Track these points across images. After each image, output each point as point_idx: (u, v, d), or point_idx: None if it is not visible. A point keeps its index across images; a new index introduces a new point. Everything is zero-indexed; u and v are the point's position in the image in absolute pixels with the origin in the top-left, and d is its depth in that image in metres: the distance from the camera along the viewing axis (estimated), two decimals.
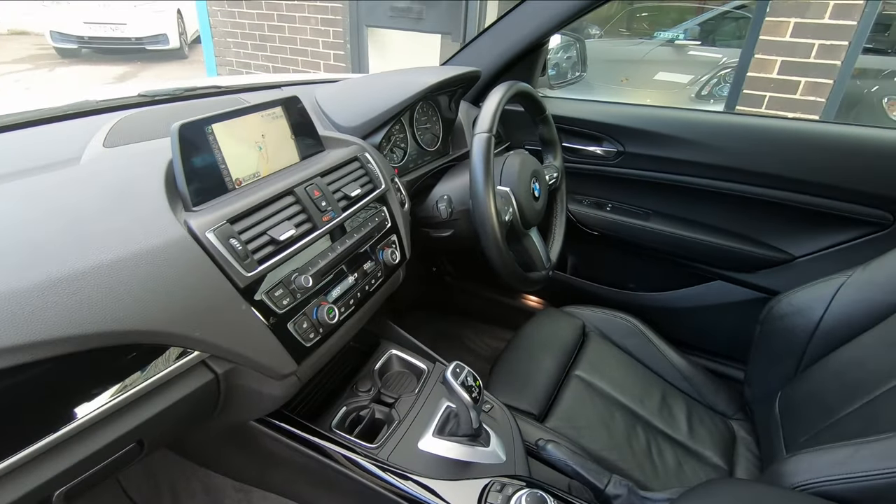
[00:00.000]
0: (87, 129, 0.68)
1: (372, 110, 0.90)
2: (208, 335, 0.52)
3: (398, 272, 0.87)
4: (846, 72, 2.34)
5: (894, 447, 0.57)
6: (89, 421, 0.46)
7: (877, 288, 0.85)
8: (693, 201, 1.21)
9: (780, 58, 2.40)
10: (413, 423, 0.77)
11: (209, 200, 0.60)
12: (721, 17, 4.58)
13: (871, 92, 3.61)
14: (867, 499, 0.58)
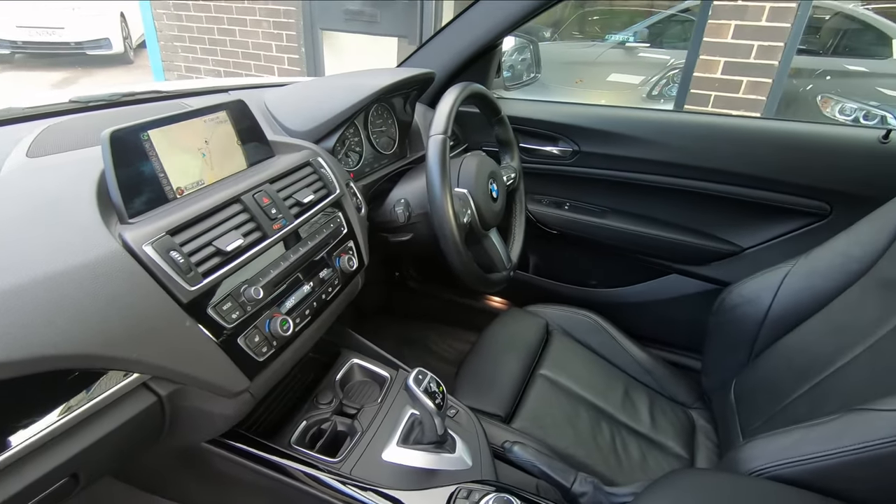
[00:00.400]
0: (9, 139, 0.63)
1: (324, 114, 0.87)
2: (148, 356, 0.49)
3: (356, 279, 0.85)
4: (783, 71, 2.47)
5: (838, 429, 0.60)
6: (14, 455, 0.42)
7: (818, 276, 0.90)
8: (647, 198, 1.24)
9: (723, 58, 2.51)
10: (377, 433, 0.75)
11: (147, 212, 0.56)
12: (668, 20, 4.75)
13: (806, 90, 3.83)
14: (817, 479, 0.60)
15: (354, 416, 0.79)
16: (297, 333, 0.67)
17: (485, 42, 1.15)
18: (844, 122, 3.39)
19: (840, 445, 0.59)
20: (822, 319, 0.88)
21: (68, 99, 0.79)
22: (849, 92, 3.63)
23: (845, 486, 0.60)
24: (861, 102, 3.49)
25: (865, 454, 0.57)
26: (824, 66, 4.02)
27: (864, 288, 0.83)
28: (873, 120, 3.33)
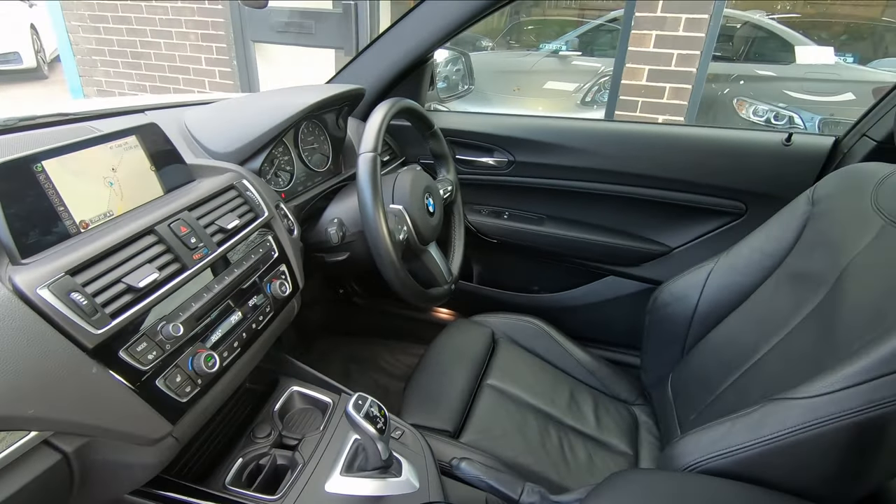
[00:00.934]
0: None
1: (248, 134, 0.84)
2: (48, 411, 0.44)
3: (291, 304, 0.82)
4: (701, 77, 2.64)
5: (758, 419, 0.63)
6: None
7: (737, 272, 0.95)
8: (581, 204, 1.28)
9: (647, 66, 2.65)
10: (319, 463, 0.72)
11: (45, 250, 0.52)
12: (597, 30, 4.97)
13: (723, 94, 4.12)
14: (745, 469, 0.64)
15: (295, 447, 0.75)
16: (225, 368, 0.64)
17: (416, 55, 1.15)
18: (758, 123, 3.67)
19: (761, 435, 0.62)
20: (743, 313, 0.93)
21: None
22: (760, 95, 3.93)
23: (769, 473, 0.63)
24: (771, 104, 3.79)
25: (783, 441, 0.61)
26: (738, 72, 4.33)
27: (778, 281, 0.89)
28: (782, 120, 3.62)
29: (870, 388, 0.56)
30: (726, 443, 0.66)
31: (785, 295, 0.86)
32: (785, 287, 0.87)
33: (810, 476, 0.62)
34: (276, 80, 3.73)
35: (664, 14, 2.52)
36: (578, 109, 4.17)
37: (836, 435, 0.58)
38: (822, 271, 0.79)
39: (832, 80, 4.04)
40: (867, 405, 0.56)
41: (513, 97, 4.52)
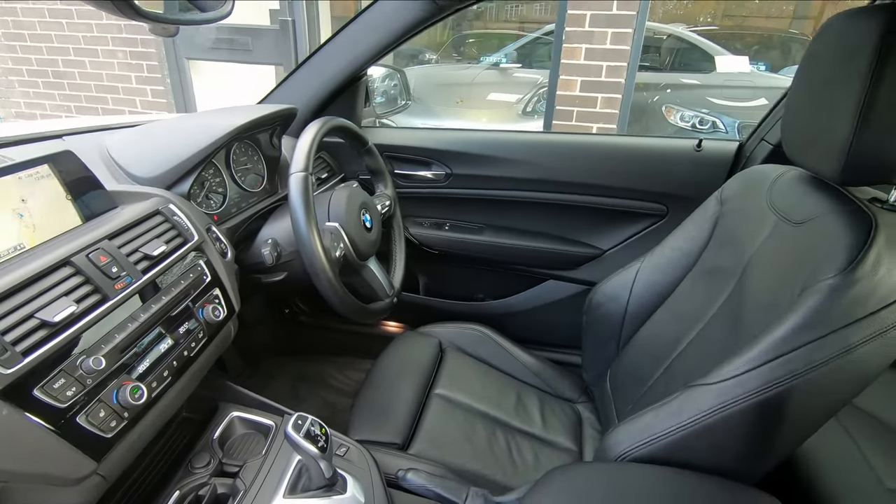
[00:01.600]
0: None
1: (174, 158, 0.82)
2: None
3: (227, 328, 0.80)
4: (630, 87, 2.80)
5: (678, 406, 0.68)
6: None
7: (660, 270, 1.02)
8: (518, 212, 1.33)
9: (579, 78, 2.78)
10: (261, 488, 0.71)
11: None
12: (534, 43, 5.16)
13: (653, 102, 4.37)
14: (668, 454, 0.68)
15: (236, 474, 0.74)
16: (155, 398, 0.62)
17: (349, 73, 1.17)
18: (685, 128, 3.92)
19: (680, 420, 0.67)
20: (667, 308, 1.00)
21: None
22: (686, 102, 4.20)
23: (690, 455, 0.68)
24: (696, 110, 4.05)
25: (700, 424, 0.66)
26: (666, 81, 4.62)
27: (694, 277, 0.96)
28: (706, 125, 3.89)
29: (767, 369, 0.62)
30: (652, 430, 0.70)
31: (701, 290, 0.92)
32: (701, 282, 0.94)
33: (726, 455, 0.68)
34: (213, 97, 3.63)
35: (592, 29, 2.66)
36: (520, 119, 4.30)
37: (742, 415, 0.63)
38: (729, 266, 0.86)
39: (748, 86, 4.37)
40: (766, 385, 0.62)
41: (457, 109, 4.61)
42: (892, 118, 0.59)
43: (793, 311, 0.62)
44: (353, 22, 1.12)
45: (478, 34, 6.94)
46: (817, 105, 0.68)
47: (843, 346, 0.59)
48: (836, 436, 1.00)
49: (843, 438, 0.99)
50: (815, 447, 0.96)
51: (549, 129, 2.95)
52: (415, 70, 5.57)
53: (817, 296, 0.61)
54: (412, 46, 7.08)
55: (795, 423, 0.64)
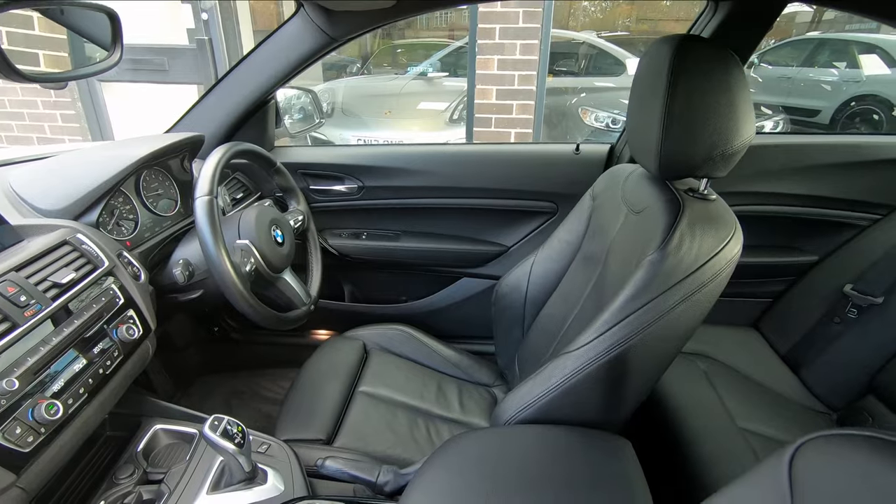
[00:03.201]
0: None
1: (79, 189, 0.87)
2: None
3: (144, 346, 0.85)
4: (541, 93, 3.00)
5: (548, 372, 0.81)
6: None
7: (551, 260, 1.16)
8: (428, 218, 1.44)
9: (494, 87, 2.96)
10: (186, 489, 0.77)
11: None
12: (458, 52, 5.34)
13: (571, 105, 4.66)
14: (543, 414, 0.81)
15: (161, 480, 0.79)
16: (72, 415, 0.67)
17: (254, 99, 1.24)
18: (599, 128, 4.21)
19: (549, 385, 0.80)
20: (558, 293, 1.14)
21: None
22: (601, 103, 4.50)
23: (560, 413, 0.81)
24: (609, 111, 4.36)
25: (564, 386, 0.79)
26: (582, 85, 4.93)
27: (577, 264, 1.11)
28: (618, 124, 4.19)
29: (610, 334, 0.76)
30: (529, 396, 0.83)
31: (580, 274, 1.07)
32: (580, 267, 1.09)
33: (588, 409, 0.81)
34: (130, 119, 3.52)
35: (502, 41, 2.85)
36: (448, 127, 4.46)
37: (596, 373, 0.77)
38: (598, 253, 1.00)
39: None
40: (610, 347, 0.76)
41: (385, 120, 4.70)
42: (683, 128, 0.75)
43: (627, 285, 0.76)
44: (255, 52, 1.19)
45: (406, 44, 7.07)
46: (641, 115, 0.83)
47: (663, 308, 0.74)
48: (699, 385, 1.19)
49: (705, 387, 1.18)
50: (680, 395, 1.14)
51: (470, 137, 3.11)
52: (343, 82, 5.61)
53: (642, 270, 0.75)
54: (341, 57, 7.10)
55: (638, 375, 0.79)
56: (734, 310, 1.45)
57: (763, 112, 4.81)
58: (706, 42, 0.75)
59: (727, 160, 0.77)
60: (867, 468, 0.36)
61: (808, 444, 0.41)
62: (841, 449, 0.39)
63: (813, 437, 0.41)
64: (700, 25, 1.15)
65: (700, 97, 0.73)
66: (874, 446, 0.37)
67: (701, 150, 0.75)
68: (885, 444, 0.37)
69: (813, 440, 0.41)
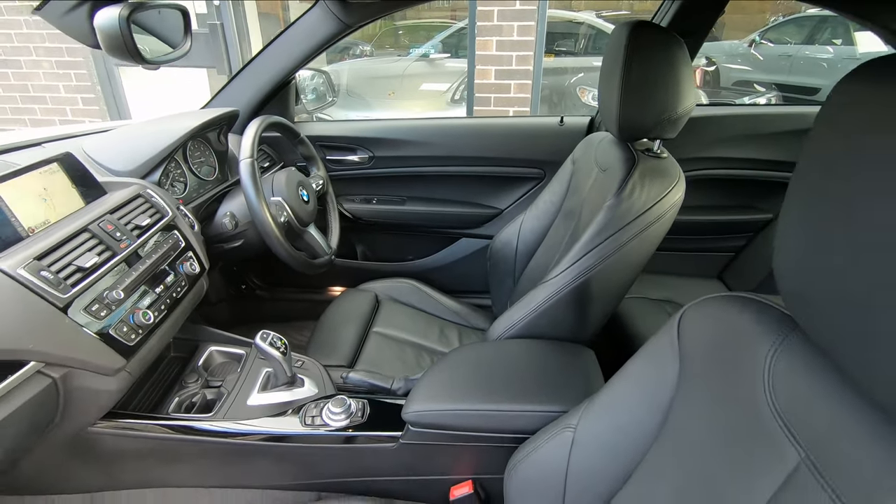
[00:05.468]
0: None
1: (142, 156, 1.06)
2: (40, 346, 0.67)
3: (200, 282, 1.05)
4: (538, 73, 3.15)
5: (529, 298, 1.00)
6: None
7: (537, 218, 1.34)
8: (431, 184, 1.63)
9: (493, 67, 3.11)
10: (240, 390, 0.97)
11: (7, 248, 0.72)
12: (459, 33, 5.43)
13: (570, 84, 4.78)
14: (525, 331, 1.00)
15: (219, 386, 1.00)
16: (157, 324, 0.87)
17: (280, 79, 1.41)
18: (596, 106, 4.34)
19: (530, 308, 0.99)
20: (544, 246, 1.33)
21: None
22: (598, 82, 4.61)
23: (539, 331, 1.01)
24: None
25: (541, 309, 0.98)
26: (580, 65, 5.03)
27: (559, 219, 1.29)
28: None
29: (577, 265, 0.95)
30: (514, 318, 1.02)
31: (562, 227, 1.26)
32: (562, 222, 1.27)
33: (561, 327, 1.01)
34: (147, 101, 3.70)
35: (500, 23, 2.99)
36: (449, 107, 4.60)
37: (566, 298, 0.96)
38: (575, 208, 1.19)
39: None
40: (578, 276, 0.95)
41: (389, 101, 4.84)
42: (637, 97, 0.92)
43: (590, 226, 0.95)
44: (279, 38, 1.36)
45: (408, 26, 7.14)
46: (606, 88, 1.01)
47: (620, 242, 0.93)
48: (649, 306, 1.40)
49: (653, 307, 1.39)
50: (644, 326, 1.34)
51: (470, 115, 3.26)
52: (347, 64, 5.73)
53: (602, 213, 0.94)
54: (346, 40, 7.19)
55: (600, 298, 0.98)
56: (700, 263, 1.64)
57: (756, 90, 4.92)
58: (656, 27, 0.93)
59: (674, 123, 0.95)
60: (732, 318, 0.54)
61: (693, 306, 0.60)
62: (716, 308, 0.57)
63: (698, 300, 0.60)
64: (661, 14, 1.31)
65: (649, 72, 0.91)
66: (744, 304, 0.55)
67: (651, 115, 0.93)
68: (750, 301, 0.55)
69: (697, 303, 0.59)
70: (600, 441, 0.66)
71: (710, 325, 0.56)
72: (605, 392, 0.67)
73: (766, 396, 0.46)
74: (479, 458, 0.89)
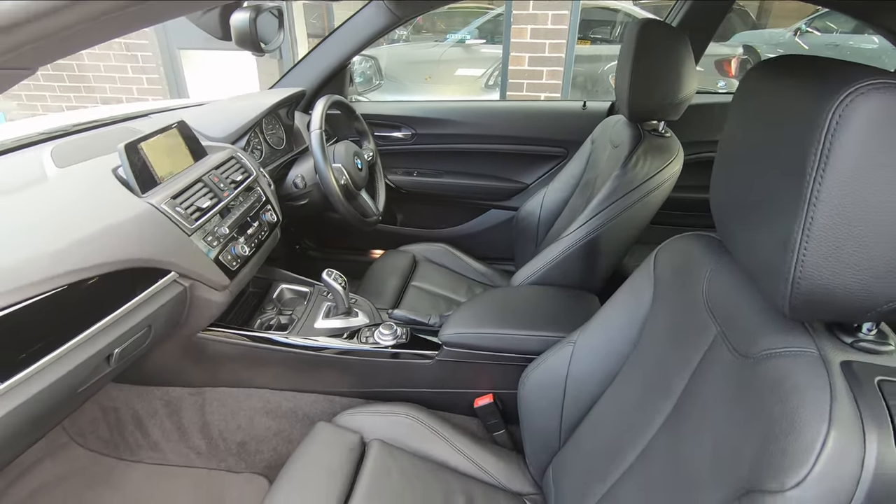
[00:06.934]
0: (31, 158, 0.97)
1: (233, 125, 1.29)
2: (178, 261, 0.91)
3: (276, 231, 1.29)
4: (570, 60, 3.28)
5: (547, 251, 1.20)
6: (123, 312, 0.82)
7: (559, 190, 1.53)
8: (466, 160, 1.83)
9: (527, 54, 3.25)
10: (308, 317, 1.21)
11: (149, 190, 0.96)
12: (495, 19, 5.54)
13: (603, 71, 4.86)
14: (543, 279, 1.20)
15: (290, 314, 1.24)
16: (250, 256, 1.11)
17: (339, 63, 1.63)
18: None
19: (547, 260, 1.19)
20: (563, 214, 1.51)
21: (40, 130, 1.12)
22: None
23: (553, 279, 1.20)
24: None
25: (556, 261, 1.18)
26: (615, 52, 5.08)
27: (577, 192, 1.48)
28: None
29: (587, 224, 1.14)
30: (533, 268, 1.22)
31: (579, 198, 1.44)
32: (580, 194, 1.46)
33: (573, 277, 1.20)
34: (201, 83, 4.00)
35: (535, 11, 3.12)
36: (483, 92, 4.76)
37: (577, 252, 1.16)
38: (591, 180, 1.37)
39: None
40: (588, 234, 1.14)
41: (425, 85, 5.02)
42: (644, 84, 1.10)
43: (601, 190, 1.14)
44: (339, 29, 1.58)
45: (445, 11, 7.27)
46: (621, 76, 1.18)
47: (625, 206, 1.11)
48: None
49: None
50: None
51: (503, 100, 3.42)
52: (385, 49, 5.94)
53: (610, 181, 1.13)
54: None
55: (606, 253, 1.17)
56: None
57: None
58: (663, 25, 1.10)
59: (676, 107, 1.12)
60: (690, 249, 0.73)
61: (666, 244, 0.79)
62: (681, 243, 0.76)
63: (669, 240, 0.79)
64: (674, 13, 1.47)
65: (654, 63, 1.08)
66: (698, 239, 0.74)
67: (655, 99, 1.11)
68: (703, 236, 0.73)
69: (669, 241, 0.78)
70: (593, 351, 0.85)
71: (675, 256, 0.75)
72: (599, 314, 0.87)
73: (703, 299, 0.66)
74: (498, 374, 1.10)
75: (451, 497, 0.89)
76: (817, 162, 0.40)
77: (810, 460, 0.40)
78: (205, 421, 1.19)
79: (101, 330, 0.78)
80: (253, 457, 1.19)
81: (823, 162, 0.40)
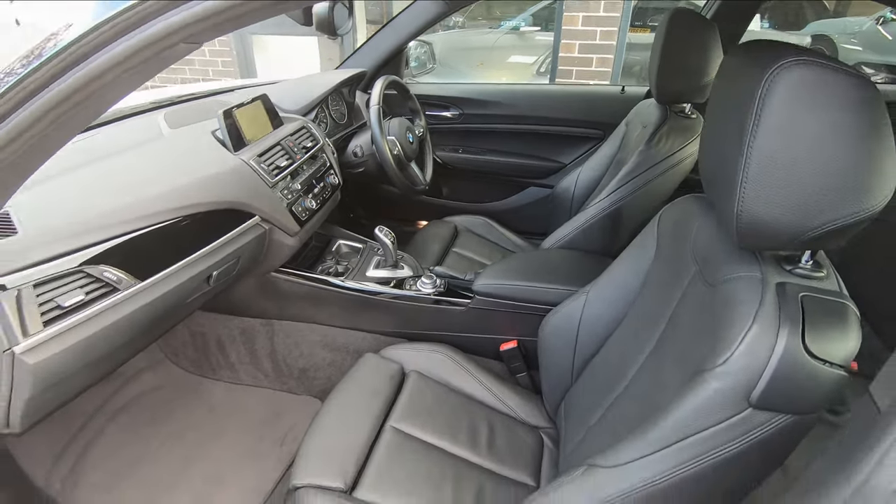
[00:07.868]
0: (151, 120, 1.20)
1: (305, 99, 1.50)
2: (262, 206, 1.12)
3: (336, 194, 1.49)
4: (621, 48, 3.31)
5: (574, 219, 1.33)
6: (220, 243, 1.03)
7: (592, 170, 1.65)
8: (508, 139, 1.97)
9: (577, 41, 3.31)
10: (360, 267, 1.41)
11: (240, 149, 1.18)
12: (550, 7, 5.54)
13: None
14: (567, 245, 1.34)
15: (346, 264, 1.44)
16: (316, 209, 1.31)
17: (397, 46, 1.81)
18: None
19: (573, 227, 1.32)
20: (597, 191, 1.63)
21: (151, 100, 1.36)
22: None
23: (577, 245, 1.34)
24: None
25: (582, 228, 1.31)
26: None
27: (610, 170, 1.59)
28: None
29: (614, 194, 1.26)
30: (560, 234, 1.36)
31: (611, 175, 1.55)
32: (614, 170, 1.57)
33: (596, 244, 1.33)
34: (269, 67, 4.31)
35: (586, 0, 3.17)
36: (534, 79, 4.82)
37: (601, 222, 1.28)
38: (622, 158, 1.49)
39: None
40: (612, 203, 1.26)
41: (478, 71, 5.13)
42: (671, 68, 1.20)
43: (626, 164, 1.26)
44: (398, 17, 1.75)
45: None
46: (652, 61, 1.29)
47: (648, 178, 1.23)
48: None
49: None
50: None
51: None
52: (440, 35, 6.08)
53: (634, 156, 1.25)
54: None
55: (627, 224, 1.29)
56: None
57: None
58: (693, 14, 1.20)
59: (701, 90, 1.22)
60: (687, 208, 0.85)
61: (669, 206, 0.91)
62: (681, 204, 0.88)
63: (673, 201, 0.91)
64: (708, 6, 1.54)
65: (682, 48, 1.18)
66: (695, 199, 0.86)
67: (681, 82, 1.21)
68: (699, 198, 0.85)
69: (671, 203, 0.91)
70: (603, 298, 0.99)
71: (675, 215, 0.88)
72: (611, 268, 1.00)
73: (690, 247, 0.78)
74: (523, 323, 1.26)
75: (475, 422, 1.06)
76: (752, 120, 0.53)
77: (734, 346, 0.54)
78: (273, 349, 1.41)
79: (205, 255, 1.00)
80: (311, 382, 1.41)
81: (757, 120, 0.52)
